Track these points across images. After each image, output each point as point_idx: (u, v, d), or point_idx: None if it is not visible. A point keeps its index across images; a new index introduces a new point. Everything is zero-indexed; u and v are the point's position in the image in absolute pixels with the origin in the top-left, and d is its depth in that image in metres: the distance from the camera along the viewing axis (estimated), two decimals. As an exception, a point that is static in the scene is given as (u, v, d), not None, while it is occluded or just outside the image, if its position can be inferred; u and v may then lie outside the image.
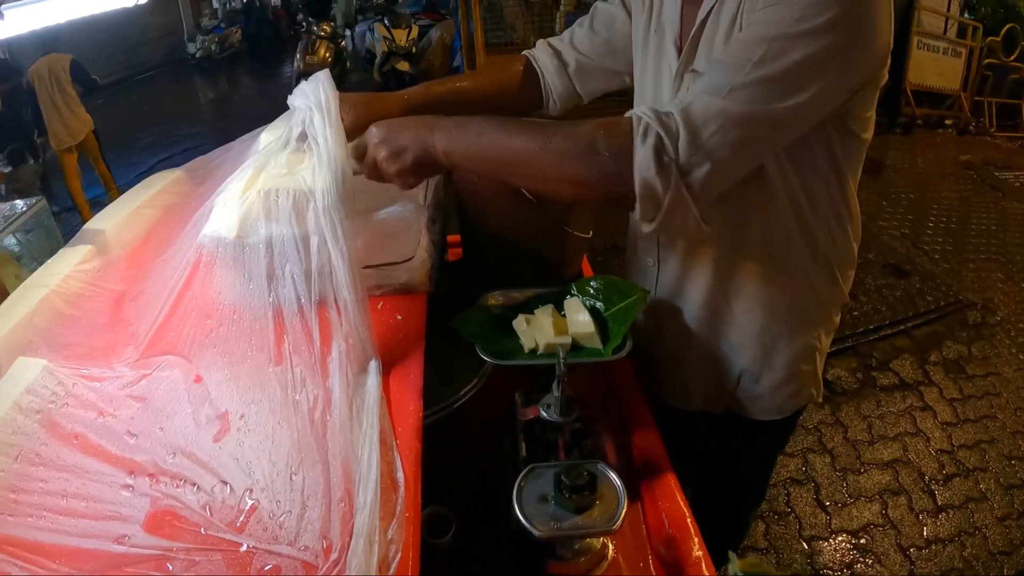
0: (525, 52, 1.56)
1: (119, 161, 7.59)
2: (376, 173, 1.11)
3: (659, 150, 0.94)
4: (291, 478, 0.87)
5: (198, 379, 1.01)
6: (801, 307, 1.35)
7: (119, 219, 1.32)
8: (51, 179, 6.74)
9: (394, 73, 7.90)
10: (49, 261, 1.23)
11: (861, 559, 2.71)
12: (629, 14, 1.39)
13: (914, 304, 4.25)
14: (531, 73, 1.53)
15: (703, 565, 1.04)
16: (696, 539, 1.08)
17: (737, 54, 0.98)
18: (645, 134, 0.95)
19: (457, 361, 1.32)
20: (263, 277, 1.03)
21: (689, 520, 1.11)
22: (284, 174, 1.08)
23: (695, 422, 1.53)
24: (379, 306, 1.14)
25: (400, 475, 0.86)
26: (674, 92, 1.21)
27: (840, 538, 2.79)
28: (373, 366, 0.99)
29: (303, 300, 1.01)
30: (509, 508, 0.99)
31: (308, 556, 0.79)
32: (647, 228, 1.02)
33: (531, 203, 1.30)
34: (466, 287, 1.38)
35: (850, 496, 2.97)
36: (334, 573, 0.77)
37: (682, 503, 1.15)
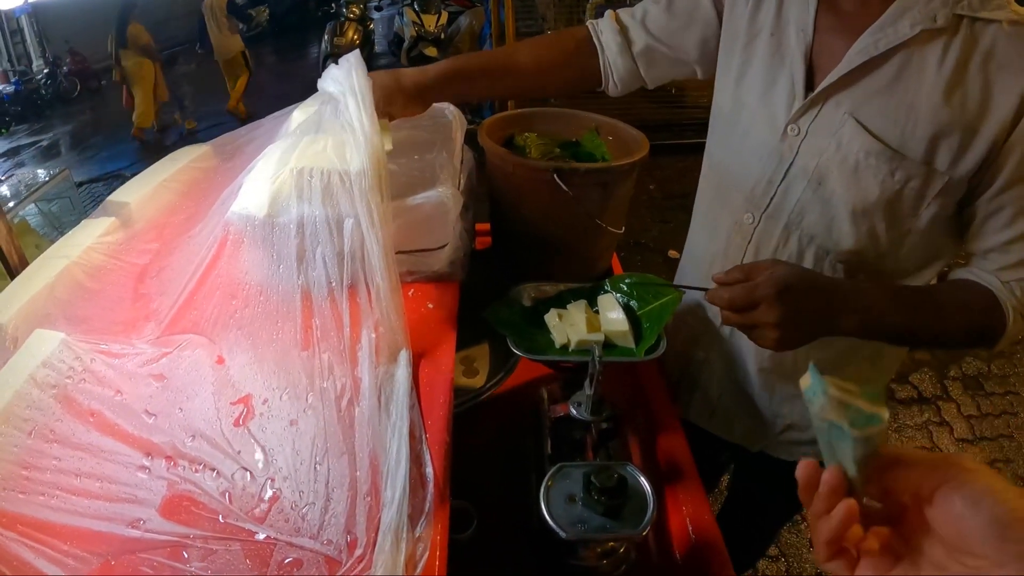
0: (588, 22, 1.37)
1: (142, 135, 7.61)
2: (739, 327, 1.03)
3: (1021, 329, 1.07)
4: (315, 468, 0.84)
5: (220, 360, 0.98)
6: (865, 367, 1.32)
7: (144, 192, 1.28)
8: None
9: (422, 58, 7.81)
10: (71, 232, 1.20)
11: None
12: (716, 4, 1.25)
13: (937, 317, 4.20)
14: (590, 48, 1.35)
15: (725, 573, 1.03)
16: (720, 548, 1.06)
17: None
18: (1015, 318, 1.05)
19: (482, 352, 1.29)
20: (293, 258, 1.00)
21: (714, 528, 1.09)
22: (319, 152, 1.05)
23: (727, 445, 1.51)
24: (410, 293, 1.11)
25: (429, 470, 0.83)
26: (792, 116, 1.11)
27: None
28: (403, 356, 0.95)
29: (334, 284, 0.97)
30: (533, 506, 0.97)
31: (331, 551, 0.76)
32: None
33: (565, 195, 1.27)
34: (494, 277, 1.36)
35: None
36: (358, 570, 0.74)
37: (707, 510, 1.13)
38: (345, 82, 1.13)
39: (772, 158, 1.15)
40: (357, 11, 9.02)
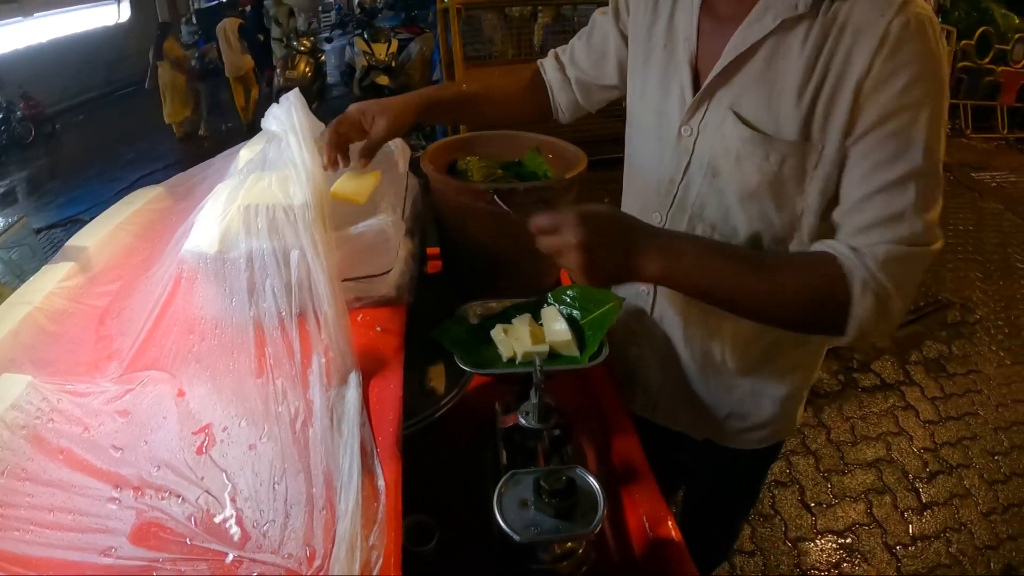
0: (538, 61, 1.58)
1: (100, 177, 7.63)
2: (551, 252, 1.06)
3: (876, 309, 1.00)
4: (274, 487, 0.88)
5: (181, 393, 1.02)
6: (794, 354, 1.37)
7: (101, 236, 1.33)
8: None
9: (374, 87, 7.89)
10: (32, 278, 1.24)
11: (848, 559, 2.73)
12: (622, 32, 1.38)
13: (894, 305, 4.27)
14: (541, 83, 1.56)
15: (685, 568, 1.06)
16: (679, 544, 1.10)
17: (893, 199, 1.01)
18: (863, 292, 1.00)
19: (437, 372, 1.33)
20: (244, 291, 1.05)
21: (670, 524, 1.13)
22: (264, 189, 1.10)
23: (678, 437, 1.55)
24: (359, 318, 1.15)
25: (381, 483, 0.88)
26: (683, 118, 1.19)
27: (826, 539, 2.81)
28: (353, 378, 1.00)
29: (284, 313, 1.02)
30: (490, 514, 1.00)
31: (292, 563, 0.81)
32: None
33: (507, 215, 1.31)
34: (445, 299, 1.39)
35: (835, 497, 3.00)
36: (318, 578, 0.79)
37: (663, 507, 1.17)
38: (286, 120, 1.19)
39: (672, 159, 1.23)
40: (308, 44, 9.13)
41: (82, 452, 0.95)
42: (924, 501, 2.98)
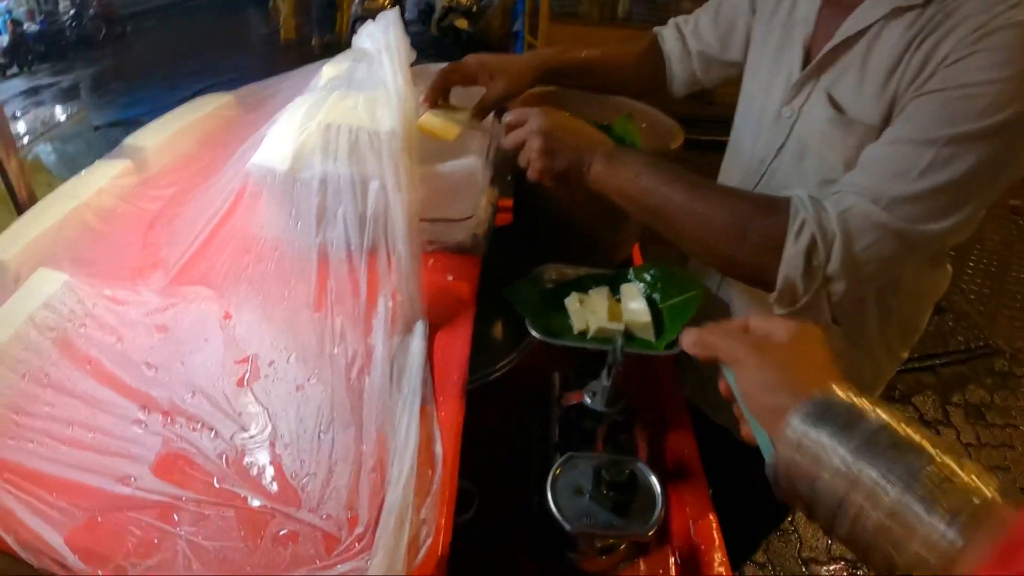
0: (655, 30, 1.53)
1: (164, 84, 7.56)
2: (516, 152, 1.08)
3: (810, 253, 0.92)
4: (319, 437, 0.79)
5: (227, 315, 0.93)
6: (859, 374, 1.30)
7: (162, 137, 1.24)
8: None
9: (451, 29, 7.77)
10: (83, 172, 1.16)
11: None
12: (753, 8, 1.33)
13: (945, 342, 4.14)
14: (657, 53, 1.50)
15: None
16: (720, 552, 1.02)
17: (903, 156, 0.90)
18: (800, 232, 0.92)
19: (496, 330, 1.25)
20: (312, 216, 0.95)
21: (715, 530, 1.06)
22: (348, 109, 1.00)
23: (720, 432, 1.47)
24: (430, 263, 1.06)
25: (439, 449, 0.79)
26: (786, 98, 1.15)
27: (838, 565, 2.74)
28: (419, 327, 0.91)
29: (353, 246, 0.92)
30: (534, 493, 0.95)
31: (330, 526, 0.72)
32: (778, 311, 1.00)
33: None
34: (511, 255, 1.31)
35: None
36: (357, 549, 0.69)
37: (711, 513, 1.09)
38: (381, 39, 1.09)
39: (768, 139, 1.20)
40: (389, -27, 8.95)
41: (111, 365, 0.86)
42: None
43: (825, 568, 2.71)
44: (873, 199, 0.90)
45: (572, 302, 1.19)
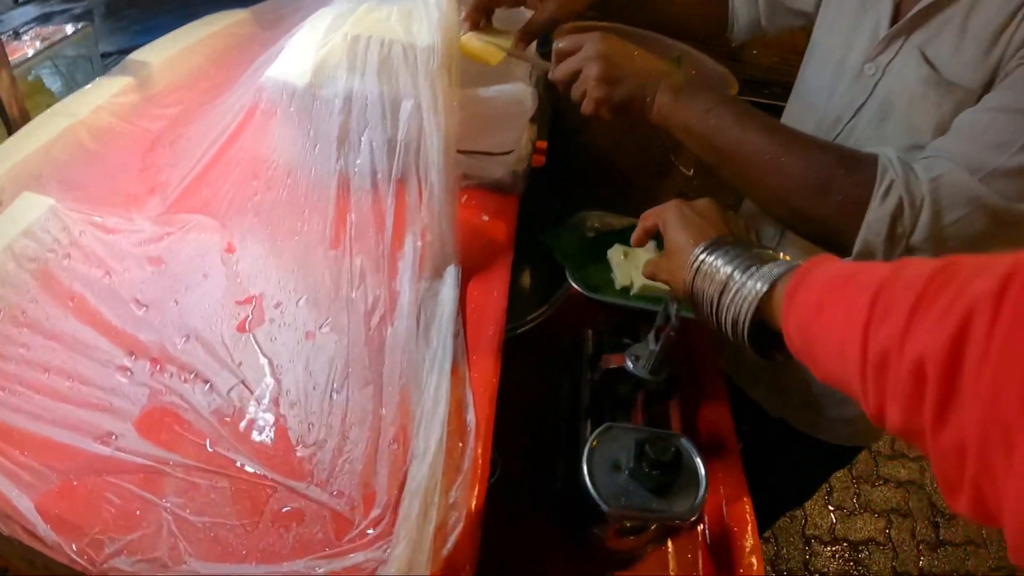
0: None
1: (180, 11, 7.42)
2: (569, 84, 0.95)
3: (895, 218, 0.83)
4: (331, 396, 0.68)
5: (230, 248, 0.81)
6: None
7: (168, 54, 1.11)
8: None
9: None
10: (82, 89, 1.04)
11: (854, 572, 2.69)
12: None
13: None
14: None
15: (755, 563, 0.92)
16: (753, 537, 0.95)
17: (1004, 126, 0.81)
18: (887, 194, 0.83)
19: (527, 278, 1.17)
20: (333, 139, 0.83)
21: (748, 513, 0.99)
22: (380, 20, 0.86)
23: (751, 406, 1.44)
24: (463, 199, 0.94)
25: (471, 417, 0.67)
26: (871, 53, 1.04)
27: (840, 546, 2.75)
28: (451, 272, 0.79)
29: (380, 175, 0.80)
30: (560, 460, 0.90)
31: (341, 505, 0.60)
32: None
33: (642, 123, 1.11)
34: (544, 200, 1.21)
35: (859, 506, 2.92)
36: (374, 534, 0.58)
37: (746, 495, 1.02)
38: (419, -56, 0.94)
39: (846, 96, 1.10)
40: None
41: (97, 302, 0.75)
42: (941, 538, 2.88)
43: (826, 547, 2.72)
44: (969, 168, 0.80)
45: (616, 254, 1.10)
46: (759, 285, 0.67)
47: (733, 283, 0.70)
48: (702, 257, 0.75)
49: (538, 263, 1.09)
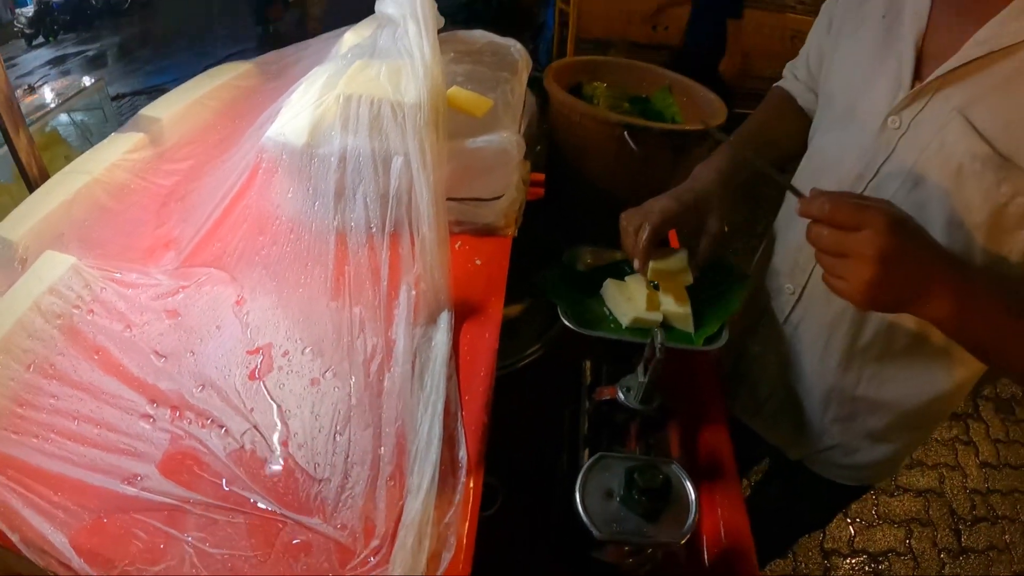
0: (777, 86, 1.39)
1: (191, 50, 7.51)
2: (824, 251, 0.82)
3: None
4: (335, 438, 0.74)
5: (240, 301, 0.88)
6: (934, 407, 1.20)
7: (178, 108, 1.18)
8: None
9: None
10: (96, 146, 1.10)
11: None
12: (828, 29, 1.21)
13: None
14: (794, 107, 1.35)
15: None
16: (752, 558, 1.00)
17: None
18: None
19: (521, 313, 1.20)
20: (331, 194, 0.89)
21: (746, 534, 1.03)
22: (371, 79, 0.93)
23: (768, 449, 1.45)
24: (456, 246, 1.00)
25: (463, 454, 0.73)
26: (894, 105, 0.99)
27: (860, 558, 2.72)
28: (444, 318, 0.84)
29: (374, 228, 0.86)
30: (559, 489, 0.92)
31: (344, 536, 0.66)
32: None
33: (634, 155, 1.17)
34: (542, 233, 1.26)
35: (878, 517, 2.89)
36: (373, 563, 0.64)
37: (744, 517, 1.06)
38: (407, 4, 1.01)
39: (867, 152, 1.04)
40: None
41: (120, 354, 0.81)
42: (963, 545, 2.83)
43: (846, 560, 2.69)
44: None
45: (610, 290, 1.13)
46: None
47: None
48: None
49: (536, 298, 1.13)
